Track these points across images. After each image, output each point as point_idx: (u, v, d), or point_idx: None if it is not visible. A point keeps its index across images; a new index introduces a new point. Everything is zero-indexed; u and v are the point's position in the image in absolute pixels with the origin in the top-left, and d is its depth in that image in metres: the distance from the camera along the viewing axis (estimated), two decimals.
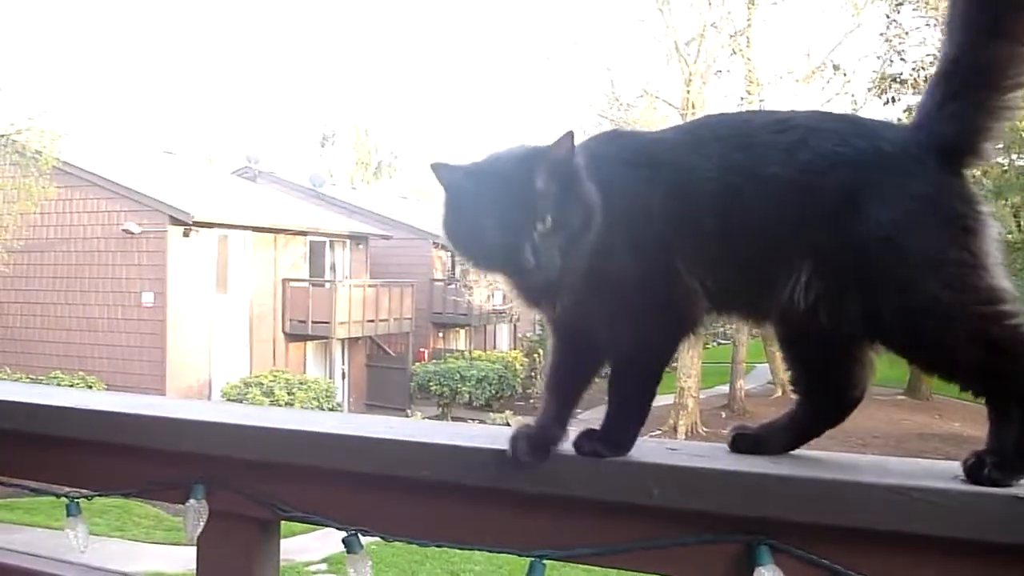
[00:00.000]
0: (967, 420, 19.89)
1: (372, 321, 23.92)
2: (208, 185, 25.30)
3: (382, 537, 1.41)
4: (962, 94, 1.21)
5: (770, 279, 1.24)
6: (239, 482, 1.51)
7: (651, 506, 1.23)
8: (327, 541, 10.46)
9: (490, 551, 1.34)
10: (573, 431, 1.34)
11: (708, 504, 1.22)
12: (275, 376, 20.35)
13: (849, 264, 1.21)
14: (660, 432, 19.16)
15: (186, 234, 19.91)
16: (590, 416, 1.34)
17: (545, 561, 1.29)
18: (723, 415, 21.17)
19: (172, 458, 1.58)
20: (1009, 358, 1.16)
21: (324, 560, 10.87)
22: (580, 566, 1.33)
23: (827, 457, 1.32)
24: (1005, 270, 1.20)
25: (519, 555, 1.30)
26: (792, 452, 1.36)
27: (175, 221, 19.59)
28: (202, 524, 1.50)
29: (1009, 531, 1.09)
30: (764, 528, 1.19)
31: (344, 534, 1.43)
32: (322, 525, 1.46)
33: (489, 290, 24.57)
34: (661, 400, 20.53)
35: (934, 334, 1.19)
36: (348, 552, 1.42)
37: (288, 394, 19.38)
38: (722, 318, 1.35)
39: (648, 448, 1.32)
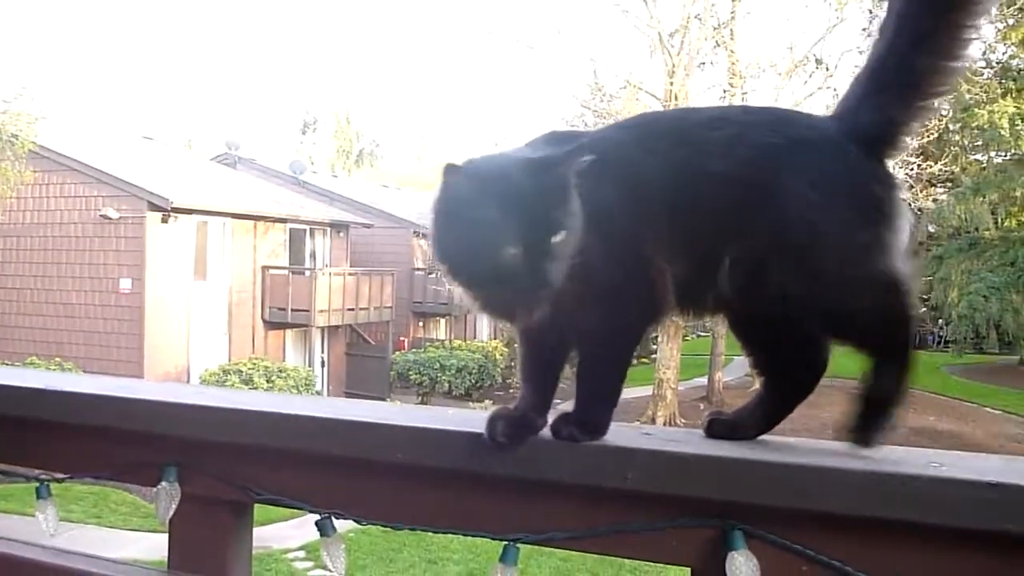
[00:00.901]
0: (941, 414, 20.11)
1: (352, 309, 23.84)
2: (187, 171, 25.09)
3: (355, 520, 1.40)
4: (887, 89, 1.28)
5: (718, 268, 1.28)
6: (212, 465, 1.50)
7: (625, 490, 1.23)
8: (305, 529, 10.44)
9: (465, 535, 1.34)
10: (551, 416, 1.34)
11: (683, 488, 1.22)
12: (254, 364, 20.26)
13: (774, 245, 1.26)
14: (639, 423, 19.25)
15: (164, 220, 19.74)
16: (567, 408, 1.34)
17: (519, 545, 1.29)
18: (701, 406, 21.25)
19: (144, 440, 1.56)
20: (900, 325, 1.27)
21: (302, 547, 10.86)
22: (560, 552, 1.32)
23: (802, 443, 1.32)
24: (907, 254, 1.27)
25: (493, 538, 1.30)
26: (767, 438, 1.36)
27: (153, 207, 19.42)
28: (174, 507, 1.49)
29: (981, 517, 1.10)
30: (738, 513, 1.19)
31: (317, 517, 1.42)
32: (296, 508, 1.45)
33: None
34: (640, 391, 20.75)
35: (844, 310, 1.27)
36: (321, 535, 1.42)
37: (267, 382, 19.31)
38: (684, 311, 1.36)
39: (623, 433, 1.31)
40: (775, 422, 1.38)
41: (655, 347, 21.57)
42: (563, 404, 1.37)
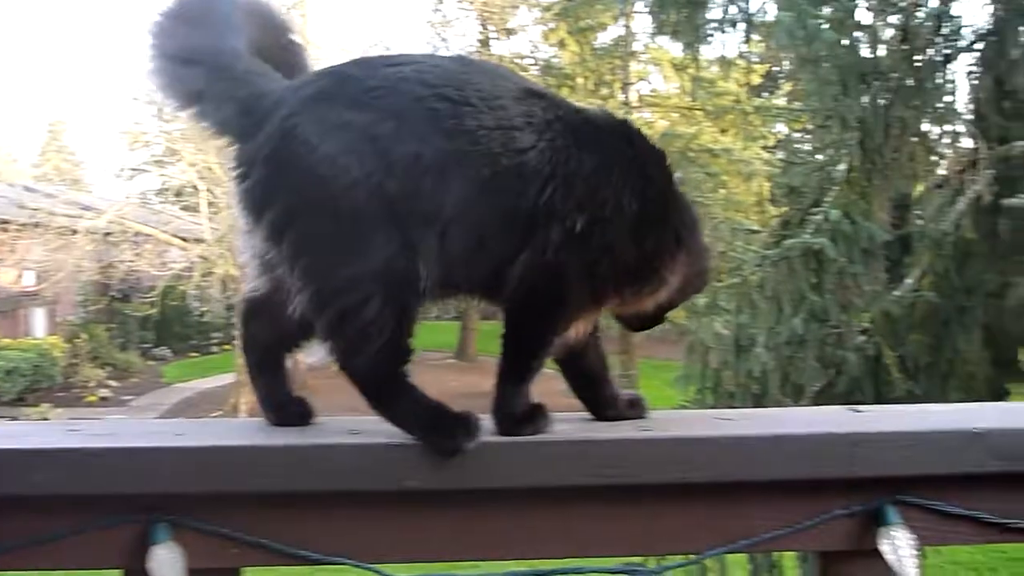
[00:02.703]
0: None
1: None
2: None
3: None
4: None
5: None
6: None
7: (34, 496, 1.11)
8: None
9: None
10: None
11: (102, 486, 1.14)
12: None
13: None
14: (221, 412, 18.56)
15: None
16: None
17: None
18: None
19: None
20: None
21: None
22: None
23: (229, 423, 1.31)
24: None
25: None
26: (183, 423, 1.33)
27: None
28: None
29: (387, 476, 1.16)
30: (164, 505, 1.14)
31: None
32: None
33: (18, 269, 21.75)
34: (223, 379, 19.93)
35: None
36: None
37: None
38: None
39: (32, 429, 1.20)
40: None
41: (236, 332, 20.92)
42: None
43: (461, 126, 1.24)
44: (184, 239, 20.90)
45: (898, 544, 1.18)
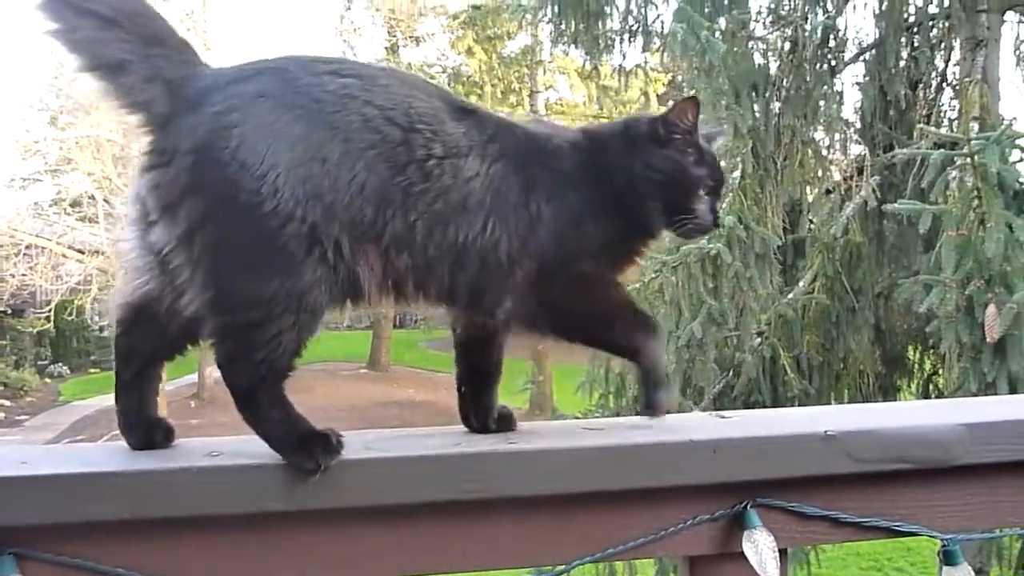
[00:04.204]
0: (419, 387, 21.93)
1: None
2: None
3: None
4: None
5: None
6: None
7: None
8: None
9: None
10: None
11: None
12: None
13: None
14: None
15: None
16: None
17: None
18: (192, 404, 20.53)
19: None
20: None
21: None
22: None
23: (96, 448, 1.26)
24: None
25: None
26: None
27: None
28: None
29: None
30: (9, 537, 1.08)
31: None
32: None
33: None
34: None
35: None
36: None
37: None
38: None
39: None
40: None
41: None
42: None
43: (411, 157, 1.22)
44: (81, 251, 20.16)
45: (760, 546, 1.21)
